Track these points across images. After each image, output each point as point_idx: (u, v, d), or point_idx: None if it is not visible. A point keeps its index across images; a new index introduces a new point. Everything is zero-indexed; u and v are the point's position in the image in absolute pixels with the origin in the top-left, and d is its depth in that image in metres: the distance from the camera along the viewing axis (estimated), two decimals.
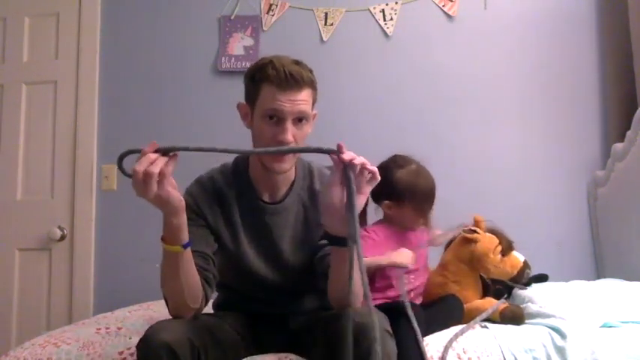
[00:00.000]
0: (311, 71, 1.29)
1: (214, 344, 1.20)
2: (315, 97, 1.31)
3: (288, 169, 1.32)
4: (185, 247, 1.16)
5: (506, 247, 1.59)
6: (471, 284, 1.63)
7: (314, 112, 1.32)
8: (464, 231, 1.64)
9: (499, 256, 1.58)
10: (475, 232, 1.62)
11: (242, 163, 1.40)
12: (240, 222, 1.36)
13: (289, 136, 1.24)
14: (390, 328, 1.17)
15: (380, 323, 1.13)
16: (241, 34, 2.58)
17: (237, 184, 1.38)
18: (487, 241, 1.60)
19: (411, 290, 1.56)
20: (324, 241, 1.34)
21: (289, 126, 1.24)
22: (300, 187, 1.41)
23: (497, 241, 1.60)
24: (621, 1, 2.35)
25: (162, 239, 1.15)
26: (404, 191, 1.55)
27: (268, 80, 1.24)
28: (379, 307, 1.34)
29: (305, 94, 1.26)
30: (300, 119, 1.26)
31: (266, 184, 1.37)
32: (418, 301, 1.57)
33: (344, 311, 1.08)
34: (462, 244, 1.63)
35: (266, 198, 1.38)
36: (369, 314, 1.04)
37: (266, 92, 1.25)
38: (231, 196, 1.36)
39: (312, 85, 1.28)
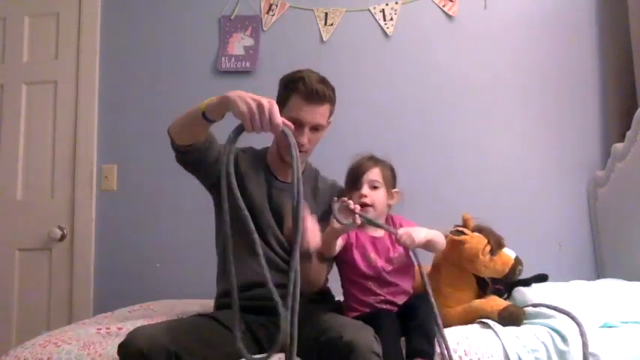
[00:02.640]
0: (333, 90, 1.58)
1: (202, 345, 1.24)
2: (332, 110, 1.61)
3: (301, 160, 1.54)
4: (205, 116, 1.32)
5: (495, 246, 1.55)
6: (464, 285, 1.60)
7: (329, 120, 1.62)
8: (451, 232, 1.61)
9: (488, 255, 1.54)
10: (462, 232, 1.59)
11: (261, 150, 1.69)
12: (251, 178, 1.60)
13: (305, 140, 1.53)
14: (378, 350, 1.20)
15: (368, 344, 1.19)
16: (241, 34, 2.58)
17: (255, 163, 1.63)
18: (475, 242, 1.56)
19: (383, 301, 1.52)
20: None
21: (307, 131, 1.53)
22: (306, 182, 1.59)
23: (486, 240, 1.56)
24: (621, 2, 2.35)
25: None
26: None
27: (298, 92, 1.52)
28: (360, 317, 1.39)
29: (324, 109, 1.56)
30: (316, 128, 1.55)
31: (280, 171, 1.62)
32: (400, 300, 1.53)
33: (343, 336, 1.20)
34: (451, 246, 1.59)
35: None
36: (357, 332, 1.19)
37: (294, 102, 1.53)
38: (246, 165, 1.61)
39: (331, 101, 1.58)
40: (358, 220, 1.36)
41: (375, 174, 1.58)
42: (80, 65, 2.62)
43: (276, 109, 1.16)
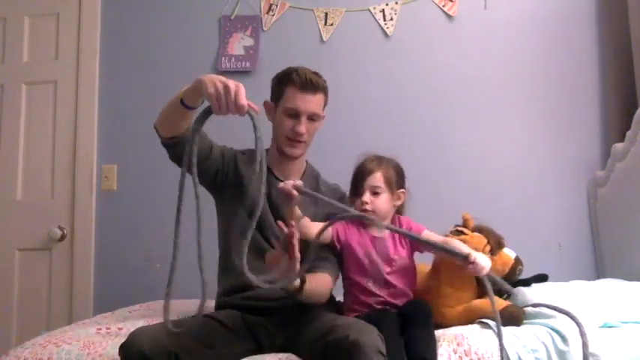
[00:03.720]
0: (325, 82, 1.62)
1: (202, 346, 1.24)
2: (326, 101, 1.64)
3: (300, 154, 1.62)
4: (183, 102, 1.33)
5: (495, 246, 1.56)
6: (464, 285, 1.59)
7: (324, 113, 1.64)
8: (451, 232, 1.61)
9: (488, 255, 1.53)
10: (462, 232, 1.59)
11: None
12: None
13: (303, 129, 1.56)
14: (383, 349, 1.20)
15: (374, 343, 1.18)
16: (241, 34, 2.58)
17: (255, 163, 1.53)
18: (475, 242, 1.56)
19: (383, 303, 1.51)
20: None
21: (304, 120, 1.56)
22: (306, 183, 1.58)
23: (486, 240, 1.56)
24: (621, 2, 2.35)
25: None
26: None
27: (292, 83, 1.55)
28: (360, 317, 1.39)
29: (318, 98, 1.59)
30: (312, 118, 1.58)
31: (280, 170, 1.62)
32: (400, 302, 1.53)
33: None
34: None
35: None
36: (363, 331, 1.19)
37: (289, 93, 1.56)
38: (246, 166, 1.60)
39: (325, 91, 1.62)
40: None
41: (376, 179, 1.55)
42: (80, 65, 2.62)
43: (242, 91, 1.17)
